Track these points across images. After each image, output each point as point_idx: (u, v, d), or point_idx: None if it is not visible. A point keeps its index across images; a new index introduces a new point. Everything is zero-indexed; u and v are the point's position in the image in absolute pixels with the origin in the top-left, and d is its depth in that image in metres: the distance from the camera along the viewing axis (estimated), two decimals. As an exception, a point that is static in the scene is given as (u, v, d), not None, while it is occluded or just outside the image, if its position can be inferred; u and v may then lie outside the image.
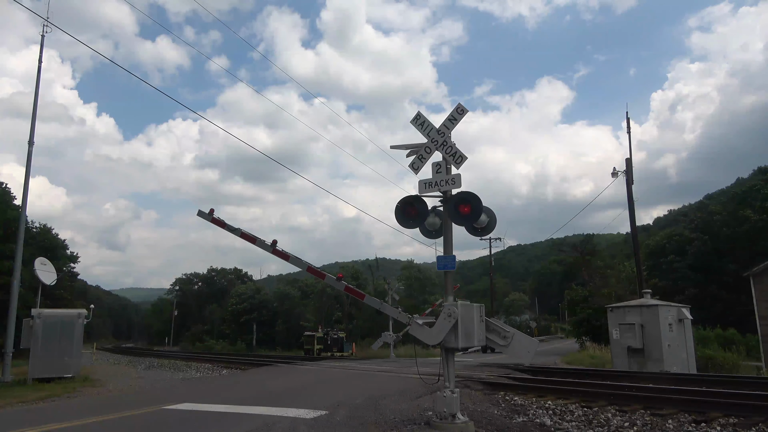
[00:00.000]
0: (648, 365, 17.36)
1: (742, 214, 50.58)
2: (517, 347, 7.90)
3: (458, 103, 8.43)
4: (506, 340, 7.91)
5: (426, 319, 8.16)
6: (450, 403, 7.43)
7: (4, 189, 39.43)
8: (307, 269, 8.55)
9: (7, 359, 15.76)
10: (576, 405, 10.11)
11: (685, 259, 52.78)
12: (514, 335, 7.90)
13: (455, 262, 8.12)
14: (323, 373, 18.56)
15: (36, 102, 17.32)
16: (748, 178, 71.77)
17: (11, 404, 11.07)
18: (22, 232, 16.98)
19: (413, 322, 7.93)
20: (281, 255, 8.45)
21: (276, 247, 8.33)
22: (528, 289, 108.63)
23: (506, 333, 7.91)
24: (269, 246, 8.33)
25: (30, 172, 17.00)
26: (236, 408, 9.61)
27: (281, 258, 8.46)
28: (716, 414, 8.88)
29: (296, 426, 7.95)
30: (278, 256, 8.45)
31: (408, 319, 8.00)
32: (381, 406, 9.77)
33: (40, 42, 17.39)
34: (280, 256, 8.44)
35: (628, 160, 24.94)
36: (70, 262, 46.94)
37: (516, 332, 7.95)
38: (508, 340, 7.90)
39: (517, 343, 7.89)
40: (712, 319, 39.24)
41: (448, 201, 8.12)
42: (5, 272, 29.64)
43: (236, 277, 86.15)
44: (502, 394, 11.49)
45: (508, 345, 7.89)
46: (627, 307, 19.08)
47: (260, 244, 8.43)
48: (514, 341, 7.89)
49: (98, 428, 8.25)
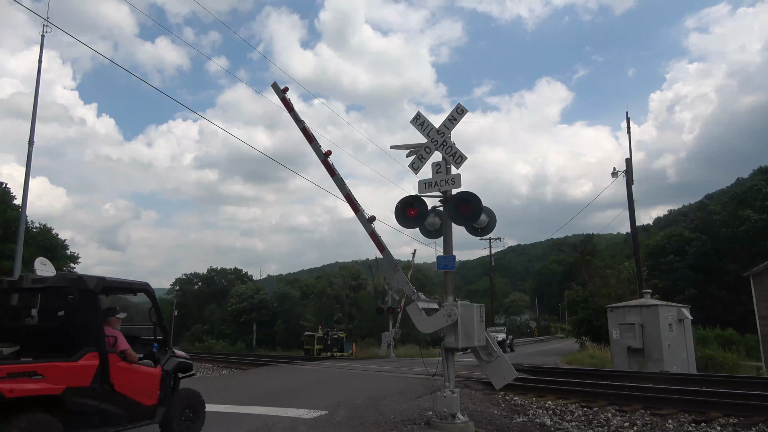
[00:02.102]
0: (648, 365, 17.35)
1: (742, 214, 50.55)
2: (496, 369, 8.04)
3: (458, 104, 8.45)
4: (490, 357, 8.01)
5: (429, 303, 8.12)
6: (450, 403, 7.44)
7: (4, 189, 39.38)
8: (345, 196, 8.67)
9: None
10: (576, 405, 10.11)
11: (685, 259, 52.74)
12: (499, 357, 7.99)
13: (455, 262, 8.13)
14: (323, 373, 18.55)
15: (36, 102, 17.33)
16: (748, 178, 71.77)
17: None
18: (22, 232, 16.97)
19: (416, 299, 7.92)
20: (329, 168, 8.70)
21: (328, 158, 8.67)
22: (528, 289, 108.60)
23: (494, 351, 7.99)
24: (322, 154, 8.67)
25: (30, 172, 17.03)
26: (236, 408, 9.61)
27: (328, 172, 8.73)
28: (716, 414, 8.89)
29: (296, 426, 7.96)
30: (326, 168, 8.71)
31: (413, 293, 8.00)
32: (381, 406, 9.77)
33: (40, 42, 17.41)
34: (328, 170, 8.71)
35: (628, 160, 24.93)
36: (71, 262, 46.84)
37: (502, 356, 8.08)
38: (492, 358, 7.99)
39: (498, 364, 8.02)
40: (712, 319, 39.22)
41: (448, 201, 8.12)
42: (5, 272, 29.62)
43: (236, 277, 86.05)
44: (502, 394, 11.48)
45: (489, 362, 8.00)
46: (627, 307, 19.08)
47: (315, 147, 8.76)
48: (497, 362, 8.00)
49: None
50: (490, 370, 8.09)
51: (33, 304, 6.89)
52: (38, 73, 17.34)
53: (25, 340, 6.22)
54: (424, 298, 8.11)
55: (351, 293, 58.45)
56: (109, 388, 5.95)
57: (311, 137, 8.84)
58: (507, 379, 8.13)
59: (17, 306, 6.91)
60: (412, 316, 7.86)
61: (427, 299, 8.21)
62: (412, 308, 7.86)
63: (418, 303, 7.87)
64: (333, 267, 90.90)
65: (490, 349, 7.98)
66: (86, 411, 5.71)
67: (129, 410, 6.21)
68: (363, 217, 8.49)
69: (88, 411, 5.72)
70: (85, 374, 5.73)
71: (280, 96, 8.93)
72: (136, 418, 6.32)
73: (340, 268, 72.13)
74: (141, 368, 6.50)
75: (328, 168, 8.70)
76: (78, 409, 5.60)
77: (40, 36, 17.19)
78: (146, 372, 6.57)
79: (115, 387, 6.02)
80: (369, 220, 8.45)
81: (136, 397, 6.31)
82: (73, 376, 5.60)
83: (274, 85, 8.98)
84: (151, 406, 6.54)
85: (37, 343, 6.17)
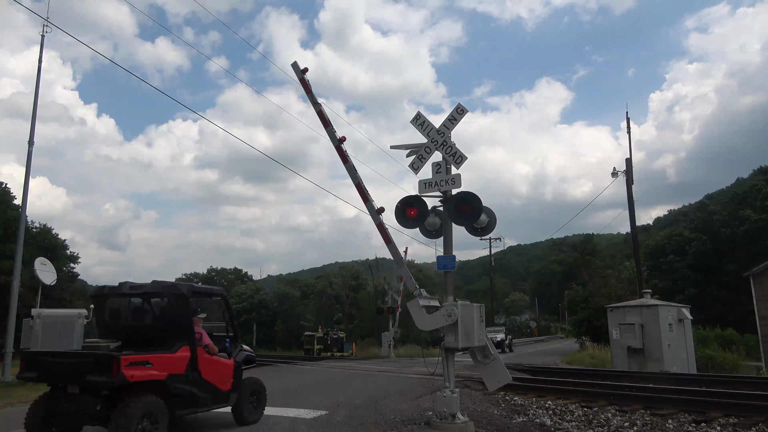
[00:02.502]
0: (648, 365, 17.35)
1: (742, 214, 50.55)
2: (491, 371, 8.05)
3: (458, 104, 8.46)
4: (486, 360, 8.00)
5: (430, 301, 8.11)
6: (450, 403, 7.43)
7: (4, 189, 39.37)
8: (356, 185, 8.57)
9: (7, 359, 15.77)
10: (576, 405, 10.10)
11: (685, 259, 52.73)
12: (495, 360, 7.98)
13: (455, 262, 8.13)
14: (323, 373, 18.55)
15: (36, 102, 17.30)
16: (748, 178, 71.82)
17: (12, 404, 11.06)
18: (22, 232, 16.96)
19: (418, 295, 7.90)
20: (342, 155, 8.62)
21: (342, 145, 8.60)
22: (528, 289, 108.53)
23: (491, 354, 7.98)
24: (337, 139, 8.59)
25: (30, 172, 17.00)
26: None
27: (340, 158, 8.63)
28: (716, 414, 8.89)
29: (296, 426, 7.96)
30: (339, 154, 8.63)
31: (415, 289, 7.99)
32: (381, 406, 9.77)
33: (40, 42, 17.39)
34: (341, 156, 8.63)
35: (628, 160, 24.93)
36: (70, 262, 46.82)
37: (499, 359, 8.07)
38: (488, 360, 7.98)
39: (493, 367, 8.02)
40: (712, 319, 39.21)
41: (448, 201, 8.12)
42: (5, 272, 29.62)
43: (236, 277, 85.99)
44: (502, 394, 11.48)
45: (486, 364, 7.99)
46: (627, 307, 19.08)
47: (330, 132, 8.67)
48: (493, 364, 8.01)
49: (98, 428, 8.24)
50: (485, 372, 8.10)
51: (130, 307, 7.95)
52: (38, 73, 17.33)
53: (124, 337, 7.37)
54: (425, 295, 8.06)
55: (351, 293, 58.43)
56: (197, 376, 7.18)
57: (327, 121, 8.72)
58: (501, 383, 8.15)
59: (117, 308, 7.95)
60: (412, 312, 7.84)
61: (429, 296, 8.15)
62: (413, 304, 7.84)
63: (420, 300, 7.84)
64: (333, 267, 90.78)
65: (487, 351, 7.97)
66: (181, 394, 6.91)
67: (211, 394, 7.43)
68: (372, 207, 8.39)
69: (182, 394, 6.93)
70: (181, 364, 6.97)
71: (299, 77, 8.78)
72: (215, 401, 7.56)
73: (340, 268, 72.03)
74: (220, 359, 7.72)
75: (341, 154, 8.59)
76: (176, 392, 6.81)
77: (40, 36, 17.16)
78: (223, 363, 7.77)
79: (201, 375, 7.25)
80: (378, 211, 8.38)
81: (216, 383, 7.51)
82: (173, 365, 6.82)
83: (294, 65, 8.84)
84: (226, 392, 7.73)
85: (134, 339, 7.32)
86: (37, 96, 17.31)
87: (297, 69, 8.82)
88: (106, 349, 6.89)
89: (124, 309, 7.95)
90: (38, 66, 17.35)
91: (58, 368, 6.77)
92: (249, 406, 8.24)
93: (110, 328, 7.67)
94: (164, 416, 6.49)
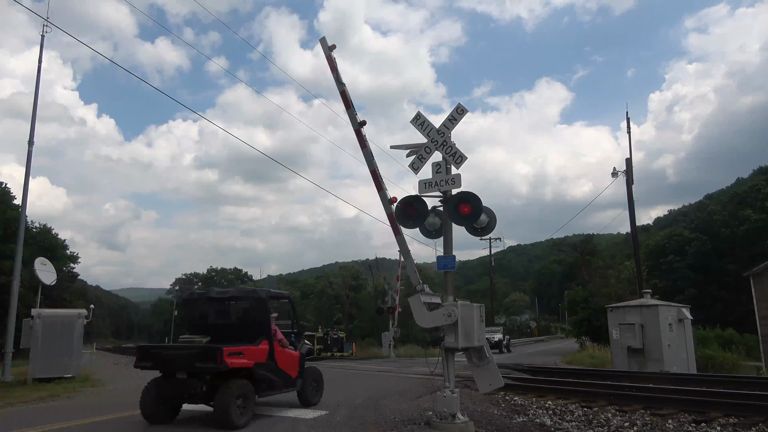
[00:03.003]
0: (648, 365, 17.35)
1: (742, 214, 50.59)
2: (485, 374, 8.03)
3: (458, 104, 8.43)
4: (482, 362, 7.97)
5: (432, 297, 8.08)
6: (450, 403, 7.43)
7: (4, 189, 39.39)
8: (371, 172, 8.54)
9: (7, 359, 15.75)
10: (576, 405, 10.10)
11: (685, 259, 52.76)
12: (490, 363, 7.97)
13: (455, 262, 8.11)
14: (323, 373, 18.53)
15: (36, 102, 17.27)
16: (748, 178, 71.87)
17: (12, 404, 11.07)
18: (22, 232, 16.95)
19: (421, 291, 7.88)
20: (361, 139, 8.59)
21: (362, 129, 8.59)
22: (528, 289, 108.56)
23: (486, 357, 7.97)
24: (357, 122, 8.58)
25: (30, 172, 16.96)
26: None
27: (359, 143, 8.61)
28: (716, 414, 8.89)
29: (296, 426, 7.96)
30: (358, 138, 8.59)
31: (419, 284, 7.98)
32: (381, 406, 9.78)
33: (40, 42, 17.36)
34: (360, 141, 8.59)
35: (628, 160, 24.92)
36: (70, 262, 46.88)
37: (494, 362, 8.07)
38: (483, 363, 7.96)
39: (487, 370, 8.00)
40: (712, 319, 39.25)
41: (448, 201, 8.12)
42: (5, 272, 29.63)
43: (236, 277, 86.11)
44: (502, 394, 11.49)
45: (480, 366, 7.97)
46: (627, 307, 19.07)
47: (351, 114, 8.65)
48: (488, 367, 7.98)
49: (99, 428, 8.25)
50: (478, 375, 8.08)
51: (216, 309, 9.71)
52: (38, 73, 17.30)
53: (212, 333, 8.88)
54: (428, 291, 8.02)
55: (351, 293, 58.43)
56: (274, 364, 8.75)
57: (349, 103, 8.57)
58: (493, 386, 8.13)
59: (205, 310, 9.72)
60: (413, 308, 7.82)
61: (432, 293, 8.13)
62: (414, 300, 7.82)
63: (422, 296, 7.83)
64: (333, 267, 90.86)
65: (483, 354, 7.96)
66: (262, 379, 8.41)
67: (284, 380, 9.01)
68: (385, 196, 8.34)
69: (263, 379, 8.43)
70: (263, 354, 8.55)
71: (326, 53, 8.57)
72: (286, 386, 9.14)
73: (340, 268, 72.06)
74: (289, 351, 9.33)
75: (360, 138, 8.51)
76: (259, 378, 8.30)
77: (40, 36, 17.11)
78: (292, 354, 9.38)
79: (277, 364, 8.81)
80: (390, 201, 8.36)
81: (287, 371, 9.11)
82: (257, 355, 8.39)
83: (322, 41, 8.60)
84: (295, 378, 9.34)
85: (219, 335, 8.85)
86: (37, 96, 17.29)
87: (325, 45, 8.58)
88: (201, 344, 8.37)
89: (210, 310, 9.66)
90: (38, 66, 17.33)
91: (171, 358, 8.19)
92: (311, 390, 9.84)
93: (199, 326, 9.39)
94: (253, 396, 8.00)
